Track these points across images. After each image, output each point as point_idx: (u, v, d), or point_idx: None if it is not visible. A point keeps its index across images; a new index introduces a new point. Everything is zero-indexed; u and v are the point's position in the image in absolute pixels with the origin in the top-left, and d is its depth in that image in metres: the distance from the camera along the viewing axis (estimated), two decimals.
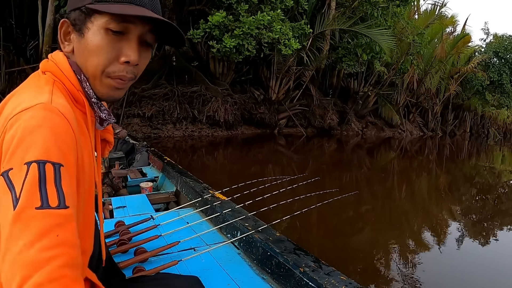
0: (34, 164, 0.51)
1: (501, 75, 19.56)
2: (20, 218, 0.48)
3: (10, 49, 9.38)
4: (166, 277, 1.00)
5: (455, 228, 4.52)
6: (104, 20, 0.65)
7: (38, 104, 0.57)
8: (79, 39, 0.67)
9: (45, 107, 0.57)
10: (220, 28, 9.51)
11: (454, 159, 11.91)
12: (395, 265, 3.20)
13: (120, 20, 0.65)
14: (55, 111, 0.58)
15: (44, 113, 0.56)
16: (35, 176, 0.51)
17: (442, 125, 20.62)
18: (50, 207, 0.50)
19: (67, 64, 0.68)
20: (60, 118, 0.58)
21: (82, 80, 0.68)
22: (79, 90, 0.68)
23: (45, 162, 0.52)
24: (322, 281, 1.26)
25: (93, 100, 0.70)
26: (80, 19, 0.66)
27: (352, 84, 16.02)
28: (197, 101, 11.05)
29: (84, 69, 0.68)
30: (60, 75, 0.67)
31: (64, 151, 0.56)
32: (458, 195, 6.51)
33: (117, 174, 3.02)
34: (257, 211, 1.91)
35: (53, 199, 0.51)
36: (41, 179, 0.51)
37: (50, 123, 0.56)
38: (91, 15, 0.65)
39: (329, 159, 9.60)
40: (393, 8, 13.02)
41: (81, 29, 0.67)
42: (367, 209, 5.05)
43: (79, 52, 0.68)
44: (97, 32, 0.65)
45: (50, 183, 0.51)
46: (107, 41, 0.66)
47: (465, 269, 3.28)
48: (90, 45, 0.66)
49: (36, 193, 0.50)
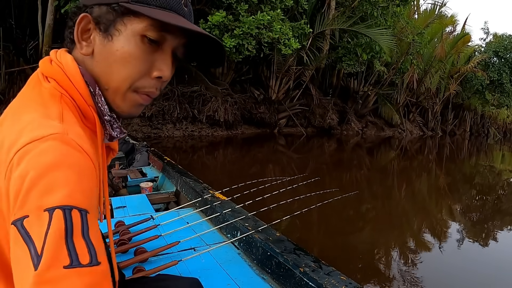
0: (58, 211, 0.41)
1: (501, 75, 19.56)
2: (44, 280, 0.38)
3: (10, 49, 9.38)
4: (166, 278, 1.00)
5: (455, 227, 4.52)
6: (143, 25, 0.55)
7: (52, 134, 0.46)
8: (104, 42, 0.56)
9: (62, 139, 0.46)
10: (220, 28, 9.51)
11: (454, 158, 11.91)
12: (396, 265, 3.20)
13: (160, 28, 0.55)
14: (74, 145, 0.47)
15: (61, 147, 0.46)
16: (60, 227, 0.40)
17: (442, 124, 20.62)
18: (81, 265, 0.40)
19: (77, 72, 0.56)
20: (81, 154, 0.47)
21: (96, 94, 0.57)
22: (90, 106, 0.57)
23: (71, 208, 0.42)
24: (322, 281, 1.26)
25: (106, 118, 0.59)
26: (108, 18, 0.56)
27: (352, 84, 16.02)
28: (197, 101, 11.06)
29: (104, 79, 0.58)
30: (69, 86, 0.56)
31: (88, 194, 0.46)
32: (458, 195, 6.51)
33: (117, 174, 3.02)
34: (257, 211, 1.91)
35: (83, 255, 0.41)
36: (68, 230, 0.41)
37: (70, 160, 0.45)
38: (124, 15, 0.55)
39: (329, 158, 9.60)
40: (393, 8, 13.02)
41: (108, 30, 0.56)
42: (367, 209, 5.05)
43: (101, 57, 0.57)
44: (131, 37, 0.56)
45: (77, 235, 0.41)
46: (142, 51, 0.56)
47: (465, 268, 3.28)
48: (120, 52, 0.56)
49: (63, 248, 0.40)
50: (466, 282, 2.97)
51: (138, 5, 0.54)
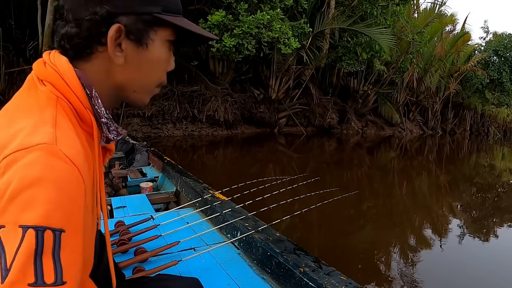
0: (31, 230, 0.43)
1: (501, 74, 19.54)
2: None
3: (9, 50, 9.38)
4: (166, 278, 1.00)
5: (455, 224, 4.53)
6: (169, 32, 0.61)
7: (39, 144, 0.47)
8: (139, 51, 0.59)
9: (49, 151, 0.47)
10: (219, 28, 9.50)
11: (454, 157, 11.91)
12: (396, 263, 3.20)
13: (178, 32, 0.63)
14: (61, 156, 0.48)
15: (47, 160, 0.46)
16: (31, 246, 0.42)
17: (442, 123, 20.61)
18: (45, 285, 0.42)
19: (73, 74, 0.56)
20: (67, 166, 0.48)
21: (93, 96, 0.58)
22: (87, 108, 0.57)
23: (44, 229, 0.43)
24: (322, 281, 1.26)
25: (103, 120, 0.61)
26: (138, 27, 0.58)
27: (352, 83, 16.02)
28: (197, 101, 11.06)
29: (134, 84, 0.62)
30: (65, 89, 0.56)
31: (70, 211, 0.47)
32: (458, 193, 6.51)
33: (117, 174, 3.02)
34: (257, 211, 1.91)
35: (49, 274, 0.43)
36: (38, 250, 0.43)
37: (54, 176, 0.46)
38: (154, 24, 0.59)
39: (329, 158, 9.60)
40: (393, 7, 13.01)
41: (143, 40, 0.59)
42: (367, 208, 5.05)
43: (135, 64, 0.60)
44: (162, 44, 0.61)
45: (47, 255, 0.43)
46: (168, 54, 0.64)
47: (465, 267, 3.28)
48: (156, 58, 0.61)
49: (31, 267, 0.42)
50: (467, 278, 2.98)
51: (168, 15, 0.60)
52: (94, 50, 0.58)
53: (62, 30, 0.58)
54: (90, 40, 0.57)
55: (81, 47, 0.58)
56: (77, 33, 0.57)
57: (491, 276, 3.03)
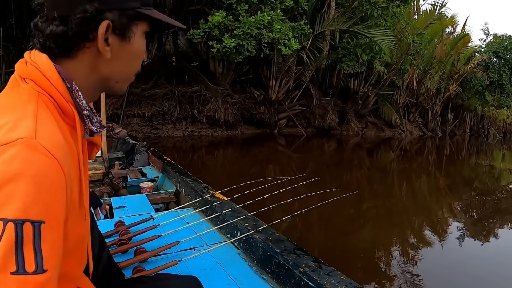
0: (10, 224, 0.45)
1: (501, 75, 19.55)
2: None
3: (10, 49, 9.39)
4: (166, 277, 1.00)
5: (455, 224, 4.53)
6: (146, 25, 0.66)
7: (19, 139, 0.49)
8: (123, 44, 0.63)
9: (28, 145, 0.49)
10: (220, 28, 9.51)
11: (454, 159, 11.91)
12: (396, 263, 3.20)
13: (152, 24, 0.67)
14: (40, 149, 0.49)
15: (26, 155, 0.48)
16: (11, 238, 0.45)
17: (442, 125, 20.61)
18: (26, 273, 0.45)
19: (53, 70, 0.58)
20: (46, 159, 0.50)
21: (73, 89, 0.60)
22: (68, 102, 0.59)
23: (23, 222, 0.46)
24: (322, 281, 1.25)
25: (85, 113, 0.62)
26: (123, 23, 0.61)
27: (352, 84, 16.02)
28: (197, 101, 11.06)
29: (118, 75, 0.66)
30: (46, 84, 0.57)
31: (48, 203, 0.49)
32: (457, 194, 6.51)
33: (117, 174, 3.02)
34: (257, 211, 1.91)
35: (30, 263, 0.45)
36: (18, 242, 0.45)
37: (32, 171, 0.48)
38: (135, 19, 0.63)
39: (329, 159, 9.60)
40: (393, 8, 13.02)
41: (126, 34, 0.62)
42: (367, 208, 5.05)
43: (119, 57, 0.63)
44: (140, 36, 0.65)
45: (27, 245, 0.46)
46: (145, 44, 0.67)
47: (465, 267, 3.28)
48: (137, 50, 0.65)
49: (12, 257, 0.44)
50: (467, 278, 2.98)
51: (147, 9, 0.64)
52: (81, 47, 0.60)
53: (47, 29, 0.59)
54: (78, 37, 0.59)
55: (69, 45, 0.59)
56: (64, 31, 0.58)
57: (491, 276, 3.03)
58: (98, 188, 2.78)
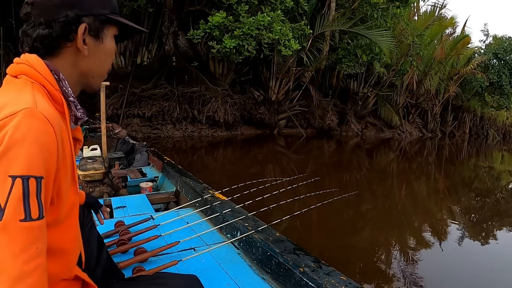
0: (18, 179, 0.55)
1: (501, 77, 19.56)
2: (5, 228, 0.53)
3: (10, 49, 9.38)
4: (165, 276, 1.00)
5: (455, 225, 4.53)
6: (115, 28, 0.79)
7: (24, 109, 0.59)
8: (97, 44, 0.76)
9: (31, 113, 0.59)
10: (220, 29, 9.51)
11: (454, 160, 11.92)
12: (395, 264, 3.20)
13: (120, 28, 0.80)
14: (40, 117, 0.60)
15: (29, 122, 0.58)
16: (19, 191, 0.55)
17: (442, 126, 20.62)
18: (32, 219, 0.55)
19: (43, 64, 0.69)
20: (45, 125, 0.60)
21: (61, 79, 0.71)
22: (57, 90, 0.70)
23: (29, 178, 0.56)
24: (322, 281, 1.26)
25: (71, 99, 0.73)
26: (96, 26, 0.74)
27: (352, 85, 16.03)
28: (197, 102, 11.05)
29: (94, 70, 0.78)
30: (37, 76, 0.68)
31: (46, 161, 0.59)
32: (457, 196, 6.51)
33: (117, 174, 3.02)
34: (257, 211, 1.91)
35: (34, 211, 0.56)
36: (25, 194, 0.55)
37: (34, 135, 0.58)
38: (106, 23, 0.76)
39: (328, 159, 9.60)
40: (393, 9, 13.03)
41: (99, 35, 0.75)
42: (366, 209, 5.05)
43: (94, 55, 0.76)
44: (111, 38, 0.79)
45: (32, 197, 0.56)
46: (115, 46, 0.81)
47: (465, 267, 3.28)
48: (108, 49, 0.78)
49: (21, 206, 0.54)
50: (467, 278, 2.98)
51: (116, 16, 0.77)
52: (63, 46, 0.72)
53: (34, 33, 0.70)
54: (61, 38, 0.71)
55: (53, 44, 0.71)
56: (50, 33, 0.70)
57: (491, 276, 3.03)
58: (98, 188, 2.78)
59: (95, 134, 5.46)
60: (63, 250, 0.71)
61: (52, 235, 0.63)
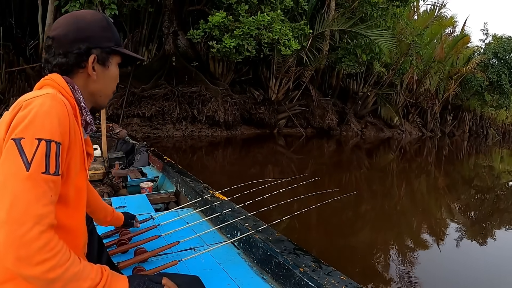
0: (43, 141, 0.72)
1: (500, 76, 19.58)
2: (31, 177, 0.69)
3: (10, 49, 9.37)
4: (166, 276, 1.00)
5: (454, 226, 4.53)
6: (119, 57, 0.98)
7: (47, 93, 0.78)
8: (103, 70, 0.94)
9: (53, 97, 0.78)
10: (220, 29, 9.51)
11: (453, 159, 11.93)
12: (394, 265, 3.20)
13: (122, 57, 0.99)
14: (59, 100, 0.78)
15: (52, 101, 0.76)
16: (43, 150, 0.71)
17: (441, 125, 20.64)
18: (50, 174, 0.72)
19: (61, 77, 0.88)
20: (62, 106, 0.78)
21: (75, 89, 0.89)
22: (71, 97, 0.87)
23: (51, 141, 0.73)
24: (322, 281, 1.26)
25: (82, 105, 0.90)
26: (103, 56, 0.93)
27: (352, 85, 16.04)
28: (197, 101, 11.05)
29: (102, 92, 0.97)
30: (57, 86, 0.86)
31: (64, 133, 0.77)
32: (456, 195, 6.52)
33: (117, 174, 3.02)
34: (257, 211, 1.91)
35: (52, 168, 0.73)
36: (47, 153, 0.72)
37: (55, 110, 0.76)
38: (111, 53, 0.95)
39: (328, 159, 9.60)
40: (393, 9, 13.04)
41: (105, 63, 0.94)
42: (366, 209, 5.05)
43: (101, 79, 0.94)
44: (115, 66, 0.98)
45: (52, 157, 0.73)
46: (118, 72, 0.99)
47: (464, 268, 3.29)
48: (112, 75, 0.97)
49: (43, 162, 0.71)
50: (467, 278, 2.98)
51: (119, 48, 0.96)
52: (76, 72, 0.91)
53: (54, 61, 0.89)
54: (75, 65, 0.90)
55: (69, 70, 0.90)
56: (66, 61, 0.89)
57: (491, 276, 3.04)
58: (98, 188, 2.78)
59: (95, 134, 5.46)
60: (71, 228, 0.85)
61: (61, 213, 0.78)
